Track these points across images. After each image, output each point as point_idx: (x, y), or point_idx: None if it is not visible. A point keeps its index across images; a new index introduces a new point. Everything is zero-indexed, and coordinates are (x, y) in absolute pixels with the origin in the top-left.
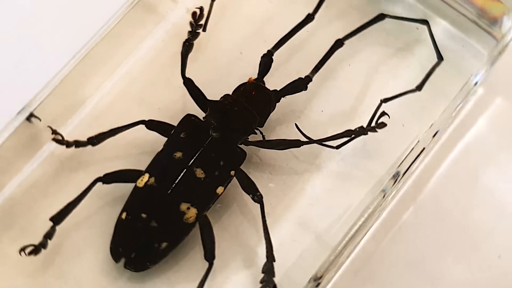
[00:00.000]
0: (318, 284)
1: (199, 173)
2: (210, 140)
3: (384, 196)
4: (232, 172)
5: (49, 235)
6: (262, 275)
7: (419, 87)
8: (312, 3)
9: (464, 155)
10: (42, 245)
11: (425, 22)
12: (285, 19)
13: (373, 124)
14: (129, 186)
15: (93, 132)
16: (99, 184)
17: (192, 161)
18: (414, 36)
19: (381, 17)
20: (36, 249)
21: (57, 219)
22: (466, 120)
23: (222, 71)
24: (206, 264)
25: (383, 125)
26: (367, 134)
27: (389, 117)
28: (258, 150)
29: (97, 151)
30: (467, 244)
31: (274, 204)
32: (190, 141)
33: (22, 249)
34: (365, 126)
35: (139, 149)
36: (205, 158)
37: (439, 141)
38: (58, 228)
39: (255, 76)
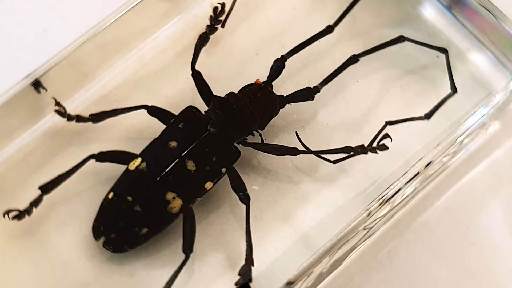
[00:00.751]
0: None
1: (190, 165)
2: (207, 135)
3: (369, 215)
4: (223, 170)
5: (35, 203)
6: (238, 277)
7: (427, 116)
8: (336, 15)
9: (467, 190)
10: (27, 211)
11: (444, 50)
12: (307, 28)
13: (374, 144)
14: (123, 168)
15: (97, 110)
16: (95, 162)
17: (185, 152)
18: (433, 63)
19: (400, 39)
20: (20, 215)
21: (46, 188)
22: (477, 154)
23: (235, 69)
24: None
25: (385, 147)
26: (366, 153)
27: (391, 140)
28: (258, 153)
29: (98, 129)
30: (452, 280)
31: (263, 209)
32: (187, 132)
33: (6, 212)
34: (366, 145)
35: (139, 133)
36: (199, 151)
37: (444, 171)
38: (47, 199)
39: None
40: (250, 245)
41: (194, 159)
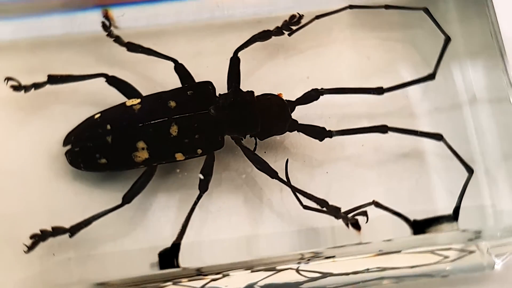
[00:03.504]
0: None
1: (173, 130)
2: (205, 113)
3: (301, 257)
4: (199, 151)
5: (37, 85)
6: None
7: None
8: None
9: None
10: (26, 87)
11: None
12: (372, 77)
13: (350, 215)
14: None
15: None
16: (106, 85)
17: (177, 116)
18: None
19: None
20: (18, 87)
21: (53, 79)
22: None
23: (279, 81)
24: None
25: (357, 227)
26: (337, 219)
27: (366, 221)
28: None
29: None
30: None
31: (240, 202)
32: (190, 101)
33: (8, 79)
34: (343, 210)
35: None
36: (188, 123)
37: None
38: (49, 92)
39: None
40: (183, 230)
41: (180, 127)
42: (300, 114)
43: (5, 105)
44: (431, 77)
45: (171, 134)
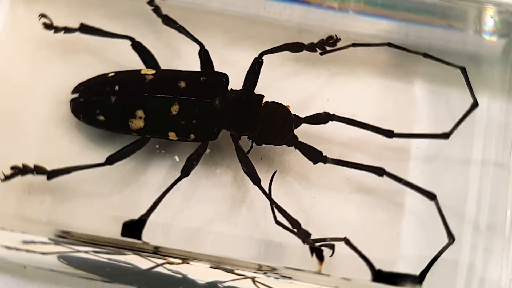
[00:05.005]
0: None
1: (174, 109)
2: (210, 103)
3: (259, 268)
4: (192, 136)
5: (68, 30)
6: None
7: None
8: None
9: None
10: (56, 28)
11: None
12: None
13: (317, 244)
14: None
15: None
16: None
17: (182, 97)
18: None
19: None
20: (50, 26)
21: (85, 29)
22: None
23: (298, 95)
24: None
25: (320, 256)
26: (304, 244)
27: (331, 255)
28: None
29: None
30: None
31: (221, 197)
32: (199, 86)
33: (42, 16)
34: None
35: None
36: (190, 107)
37: None
38: (80, 40)
39: None
40: (154, 207)
41: (181, 108)
42: (308, 132)
43: (34, 42)
44: (445, 136)
45: (171, 112)
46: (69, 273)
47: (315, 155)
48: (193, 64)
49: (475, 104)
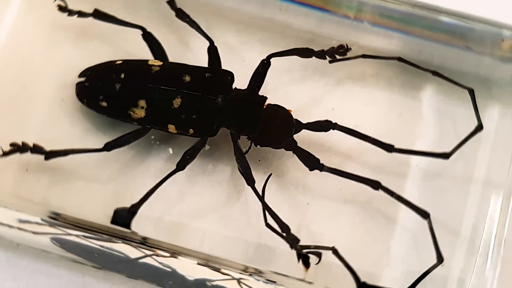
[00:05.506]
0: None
1: (176, 102)
2: (212, 99)
3: (245, 269)
4: (191, 131)
5: (82, 14)
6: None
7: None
8: None
9: None
10: (70, 11)
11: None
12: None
13: (305, 250)
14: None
15: None
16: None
17: (185, 92)
18: None
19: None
20: (63, 8)
21: (98, 14)
22: None
23: (303, 101)
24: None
25: (306, 263)
26: (291, 249)
27: (317, 263)
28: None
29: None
30: None
31: (216, 196)
32: (204, 82)
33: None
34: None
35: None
36: (192, 101)
37: None
38: (94, 25)
39: None
40: (146, 197)
41: (183, 102)
42: (309, 138)
43: (49, 24)
44: (445, 156)
45: (173, 105)
46: (61, 256)
47: (312, 162)
48: (203, 60)
49: (479, 127)
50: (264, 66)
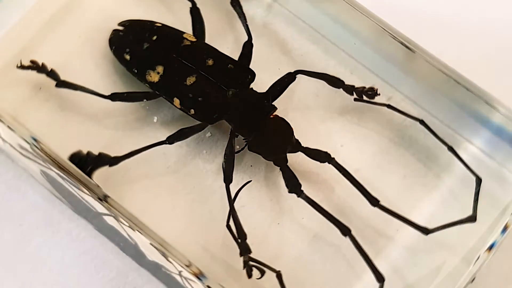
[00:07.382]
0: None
1: (190, 80)
2: (224, 89)
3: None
4: (192, 111)
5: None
6: None
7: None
8: None
9: None
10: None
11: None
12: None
13: (251, 263)
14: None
15: None
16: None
17: (202, 73)
18: None
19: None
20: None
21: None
22: None
23: (316, 130)
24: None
25: (249, 273)
26: (240, 256)
27: (259, 278)
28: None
29: None
30: None
31: (197, 182)
32: (223, 71)
33: None
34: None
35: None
36: (204, 84)
37: None
38: None
39: None
40: (126, 156)
41: (196, 81)
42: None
43: None
44: (424, 231)
45: (186, 81)
46: (48, 189)
47: (292, 185)
48: (235, 53)
49: (472, 218)
50: (288, 77)
